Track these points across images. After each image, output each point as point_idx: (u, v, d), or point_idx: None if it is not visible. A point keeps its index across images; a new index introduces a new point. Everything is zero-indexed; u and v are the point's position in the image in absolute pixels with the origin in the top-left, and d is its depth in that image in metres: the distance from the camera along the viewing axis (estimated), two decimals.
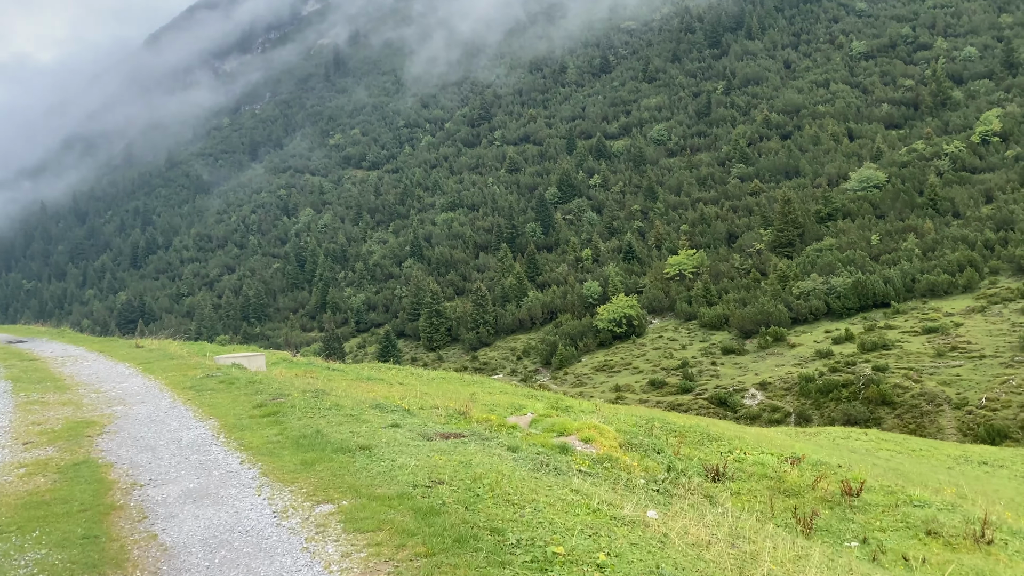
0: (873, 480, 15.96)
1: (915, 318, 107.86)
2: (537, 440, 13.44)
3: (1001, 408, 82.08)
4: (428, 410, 16.79)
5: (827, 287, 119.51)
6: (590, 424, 14.60)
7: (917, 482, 18.90)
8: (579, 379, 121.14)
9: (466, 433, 13.14)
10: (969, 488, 20.02)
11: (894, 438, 51.48)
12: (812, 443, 44.57)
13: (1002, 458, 44.75)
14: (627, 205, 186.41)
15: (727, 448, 16.66)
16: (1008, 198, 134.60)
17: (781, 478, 13.98)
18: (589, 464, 12.15)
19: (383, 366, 33.50)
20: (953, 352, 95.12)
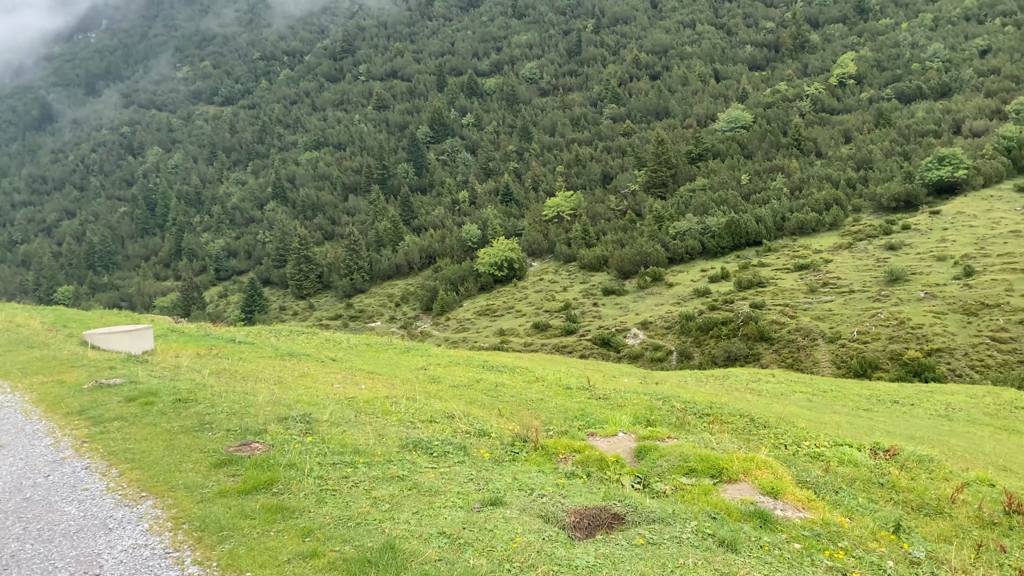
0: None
1: (787, 255, 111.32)
2: (704, 503, 9.16)
3: (871, 341, 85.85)
4: (461, 432, 12.54)
5: (702, 227, 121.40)
6: (744, 458, 10.87)
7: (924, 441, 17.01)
8: (462, 324, 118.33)
9: (621, 510, 8.81)
10: (968, 448, 18.36)
11: (800, 378, 51.56)
12: (722, 386, 43.38)
13: (905, 395, 45.30)
14: (502, 145, 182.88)
15: (786, 436, 13.81)
16: (865, 138, 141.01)
17: (895, 485, 11.30)
18: (844, 558, 8.02)
19: (292, 331, 28.60)
20: (824, 288, 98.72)
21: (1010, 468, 15.95)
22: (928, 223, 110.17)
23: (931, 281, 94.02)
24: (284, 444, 11.11)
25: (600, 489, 9.39)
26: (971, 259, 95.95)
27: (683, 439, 11.09)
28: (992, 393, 47.61)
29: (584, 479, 9.76)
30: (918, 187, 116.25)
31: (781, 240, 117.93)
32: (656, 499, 9.26)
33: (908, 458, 11.98)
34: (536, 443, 11.02)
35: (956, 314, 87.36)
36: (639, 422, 12.60)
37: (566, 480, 9.69)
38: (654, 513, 8.54)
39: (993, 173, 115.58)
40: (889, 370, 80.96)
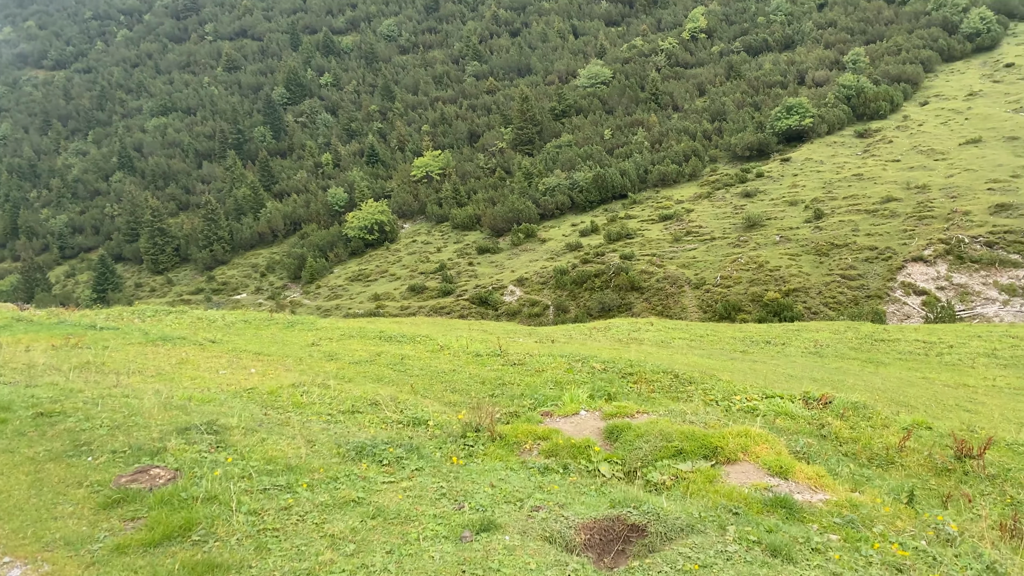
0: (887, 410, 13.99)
1: (651, 207, 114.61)
2: (714, 494, 8.35)
3: (733, 284, 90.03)
4: (393, 423, 11.28)
5: (570, 182, 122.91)
6: (738, 432, 10.14)
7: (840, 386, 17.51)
8: (334, 291, 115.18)
9: (638, 519, 7.70)
10: (898, 395, 19.17)
11: (676, 325, 53.13)
12: (606, 337, 44.12)
13: (775, 335, 47.57)
14: (364, 106, 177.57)
15: (714, 391, 13.55)
16: (718, 91, 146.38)
17: (838, 436, 11.27)
18: (896, 550, 7.28)
19: (158, 311, 26.03)
20: (688, 237, 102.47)
21: (909, 404, 16.79)
22: (780, 170, 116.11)
23: (785, 225, 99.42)
24: (194, 466, 8.73)
25: (591, 487, 8.58)
26: (820, 202, 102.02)
27: (653, 413, 10.58)
28: (852, 328, 50.70)
29: (561, 473, 8.96)
30: (769, 136, 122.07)
31: (645, 192, 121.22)
32: (660, 494, 8.41)
33: (842, 406, 12.16)
34: (492, 432, 10.01)
35: (809, 255, 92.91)
36: (596, 395, 12.04)
37: (541, 476, 8.86)
38: (679, 520, 7.55)
39: (836, 120, 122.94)
40: (751, 311, 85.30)
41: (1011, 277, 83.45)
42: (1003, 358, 39.95)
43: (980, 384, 30.68)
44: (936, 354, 41.99)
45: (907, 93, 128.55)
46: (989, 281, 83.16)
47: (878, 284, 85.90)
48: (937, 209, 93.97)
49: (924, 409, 17.51)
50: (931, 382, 29.34)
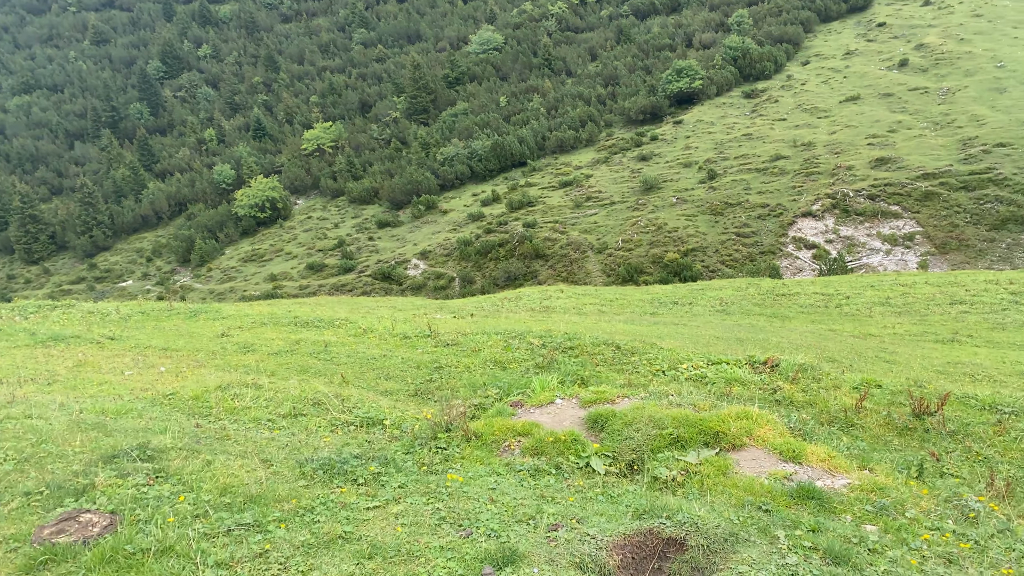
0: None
1: (551, 174, 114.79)
2: (733, 487, 7.52)
3: (635, 247, 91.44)
4: (344, 425, 9.88)
5: (468, 151, 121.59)
6: (737, 414, 8.88)
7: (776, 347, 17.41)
8: (227, 274, 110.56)
9: (674, 532, 6.77)
10: (826, 349, 19.30)
11: (585, 291, 53.26)
12: (518, 306, 43.74)
13: (681, 296, 48.31)
14: (247, 78, 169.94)
15: (659, 361, 12.94)
16: (609, 55, 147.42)
17: (792, 400, 10.91)
18: (943, 538, 6.71)
19: (41, 306, 23.32)
20: (588, 202, 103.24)
21: (835, 358, 16.94)
22: (673, 132, 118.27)
23: (681, 187, 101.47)
24: (134, 506, 7.04)
25: (595, 490, 7.62)
26: (713, 163, 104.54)
27: (635, 396, 9.85)
28: (753, 284, 52.03)
29: (554, 474, 8.07)
30: (661, 99, 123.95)
31: (544, 159, 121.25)
32: (672, 492, 7.57)
33: (790, 369, 11.95)
34: (465, 430, 8.87)
35: (705, 215, 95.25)
36: (568, 380, 11.22)
37: (534, 480, 7.91)
38: (719, 528, 6.66)
39: (724, 82, 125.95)
40: (653, 273, 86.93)
41: (892, 228, 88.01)
42: (896, 306, 41.70)
43: (883, 333, 31.76)
44: (835, 306, 43.42)
45: (789, 53, 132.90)
46: (873, 232, 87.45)
47: (771, 240, 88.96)
48: (823, 165, 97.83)
49: (848, 363, 17.70)
50: (839, 334, 30.13)
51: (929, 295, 43.58)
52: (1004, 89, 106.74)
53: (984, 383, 16.31)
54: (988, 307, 39.03)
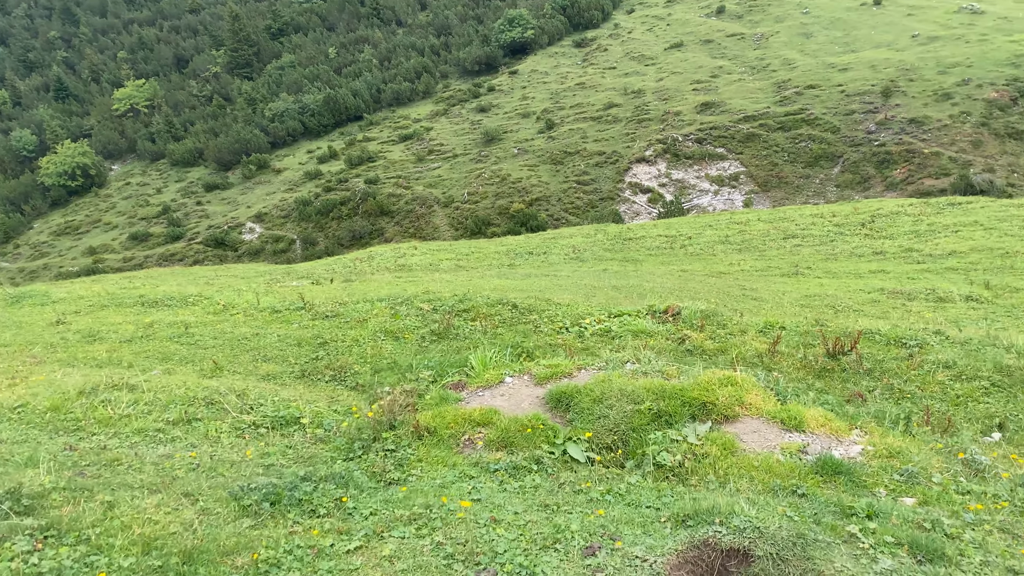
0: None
1: (389, 128, 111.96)
2: (751, 469, 6.80)
3: (481, 200, 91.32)
4: (250, 428, 8.30)
5: (299, 106, 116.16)
6: (721, 379, 8.24)
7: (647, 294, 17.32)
8: (38, 250, 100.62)
9: (734, 541, 5.76)
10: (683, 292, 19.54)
11: (439, 246, 52.46)
12: (371, 266, 42.59)
13: (535, 246, 48.63)
14: (41, 32, 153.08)
15: (560, 317, 12.20)
16: (439, 4, 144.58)
17: (703, 349, 10.59)
18: (985, 508, 6.19)
19: None
20: (431, 156, 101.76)
21: (707, 299, 17.35)
22: (509, 83, 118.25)
23: (521, 137, 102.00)
24: None
25: (599, 488, 6.63)
26: (550, 113, 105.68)
27: (592, 367, 9.07)
28: (600, 230, 53.21)
29: (537, 471, 7.08)
30: (495, 49, 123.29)
31: (381, 112, 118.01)
32: (684, 482, 6.70)
33: (693, 317, 11.83)
34: (416, 426, 7.64)
35: (546, 165, 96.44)
36: (516, 353, 10.31)
37: (517, 481, 6.87)
38: (781, 529, 5.72)
39: (555, 31, 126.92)
40: (500, 224, 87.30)
41: (718, 169, 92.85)
42: (735, 243, 43.89)
43: (731, 270, 33.18)
44: (680, 246, 45.10)
45: (615, 2, 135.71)
46: (702, 175, 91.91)
47: (609, 187, 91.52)
48: (653, 112, 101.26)
49: (720, 302, 18.12)
50: (693, 274, 31.17)
51: (764, 231, 46.08)
52: (810, 34, 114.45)
53: (848, 314, 17.23)
54: (817, 239, 41.74)
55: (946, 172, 78.42)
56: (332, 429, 8.23)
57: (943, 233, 37.62)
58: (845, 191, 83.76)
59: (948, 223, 39.58)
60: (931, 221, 40.66)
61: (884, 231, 40.82)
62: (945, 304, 20.37)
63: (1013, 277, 25.64)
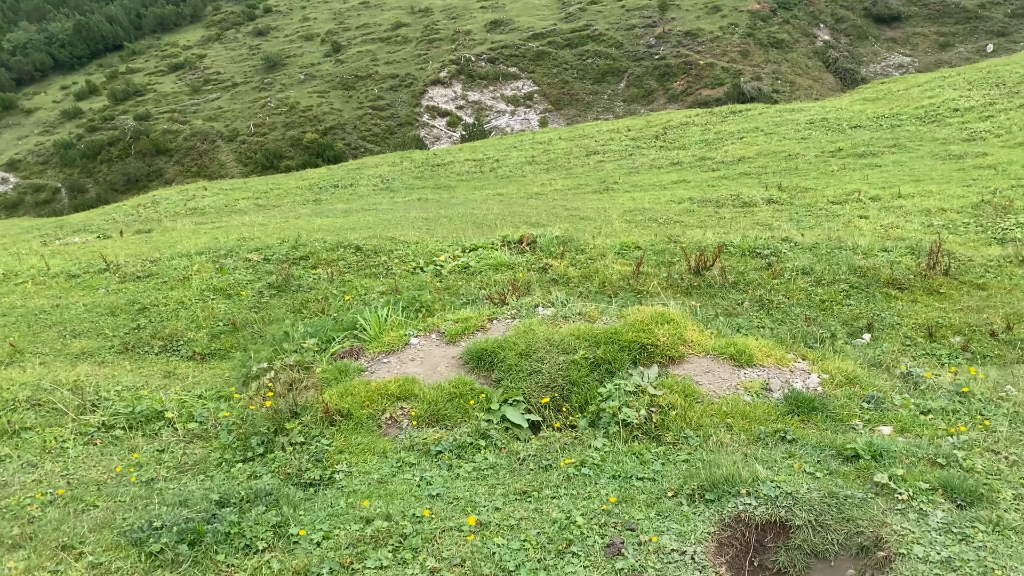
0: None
1: (156, 57, 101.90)
2: (724, 416, 6.17)
3: (269, 131, 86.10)
4: (102, 432, 6.64)
5: (46, 35, 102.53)
6: (655, 316, 7.41)
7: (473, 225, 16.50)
8: None
9: (765, 510, 5.12)
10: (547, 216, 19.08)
11: (232, 185, 48.80)
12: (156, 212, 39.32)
13: (339, 178, 46.63)
14: None
15: (411, 257, 10.98)
16: None
17: (568, 278, 9.90)
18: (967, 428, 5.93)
19: None
20: (207, 86, 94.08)
21: (540, 222, 17.15)
22: (288, 3, 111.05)
23: (307, 62, 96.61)
24: None
25: (567, 457, 5.80)
26: (335, 35, 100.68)
27: (503, 317, 8.02)
28: (405, 158, 52.01)
29: (488, 447, 6.07)
30: None
31: (144, 40, 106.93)
32: (658, 442, 5.95)
33: (551, 244, 11.38)
34: (326, 409, 6.33)
35: (337, 91, 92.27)
36: (411, 309, 8.98)
37: (465, 462, 5.87)
38: (812, 495, 5.06)
39: None
40: (294, 157, 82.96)
41: (513, 89, 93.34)
42: (542, 163, 44.49)
43: (545, 191, 33.57)
44: (489, 170, 45.08)
45: None
46: (497, 95, 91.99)
47: (407, 111, 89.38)
48: (443, 31, 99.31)
49: (553, 223, 18.09)
50: (511, 197, 31.20)
51: (567, 150, 47.01)
52: None
53: (673, 226, 17.79)
54: (617, 154, 43.21)
55: (720, 82, 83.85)
56: (209, 422, 6.77)
57: (730, 140, 40.11)
58: (632, 105, 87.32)
59: (733, 130, 42.22)
60: (718, 129, 43.19)
61: (677, 142, 42.91)
62: (751, 208, 21.66)
63: (799, 178, 27.80)
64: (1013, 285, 9.60)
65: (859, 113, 40.36)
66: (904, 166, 27.08)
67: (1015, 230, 15.36)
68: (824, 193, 23.05)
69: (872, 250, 10.89)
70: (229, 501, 5.36)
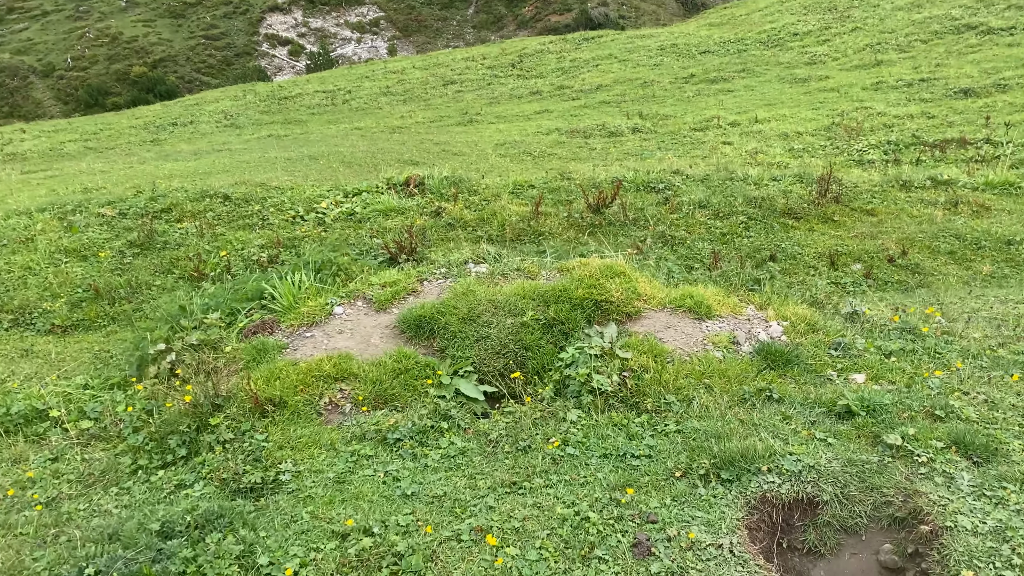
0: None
1: None
2: (703, 376, 5.73)
3: (90, 65, 78.59)
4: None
5: None
6: (603, 268, 6.87)
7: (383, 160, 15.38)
8: None
9: (795, 492, 4.57)
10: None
11: (55, 125, 44.16)
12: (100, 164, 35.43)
13: (175, 115, 43.36)
14: None
15: (290, 205, 9.72)
16: None
17: (465, 223, 9.07)
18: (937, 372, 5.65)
19: None
20: (12, 15, 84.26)
21: (416, 160, 16.46)
22: None
23: None
24: None
25: (552, 438, 5.23)
26: None
27: (433, 277, 7.07)
28: (248, 91, 49.09)
29: (453, 431, 5.45)
30: None
31: None
32: (637, 411, 5.48)
33: (442, 186, 10.66)
34: (254, 398, 5.47)
35: (164, 19, 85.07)
36: (326, 272, 7.69)
37: (428, 450, 5.23)
38: (832, 463, 4.71)
39: None
40: (122, 93, 76.30)
41: (358, 15, 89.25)
42: (398, 94, 43.12)
43: (407, 124, 32.61)
44: (343, 102, 43.31)
45: None
46: (341, 22, 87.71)
47: (244, 41, 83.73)
48: None
49: (432, 162, 17.53)
50: (371, 131, 30.07)
51: (422, 79, 45.73)
52: None
53: (549, 159, 17.61)
54: (476, 84, 42.46)
55: (568, 7, 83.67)
56: (106, 419, 5.67)
57: (586, 68, 40.20)
58: (482, 32, 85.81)
59: (587, 58, 42.30)
60: (573, 57, 43.15)
61: (534, 70, 42.59)
62: (619, 138, 21.83)
63: (658, 105, 28.29)
64: (899, 210, 10.11)
65: (706, 39, 41.38)
66: (755, 91, 28.12)
67: (870, 152, 16.25)
68: (684, 120, 23.58)
69: (763, 180, 11.13)
70: (174, 530, 4.34)
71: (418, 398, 5.82)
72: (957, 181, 11.11)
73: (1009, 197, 10.55)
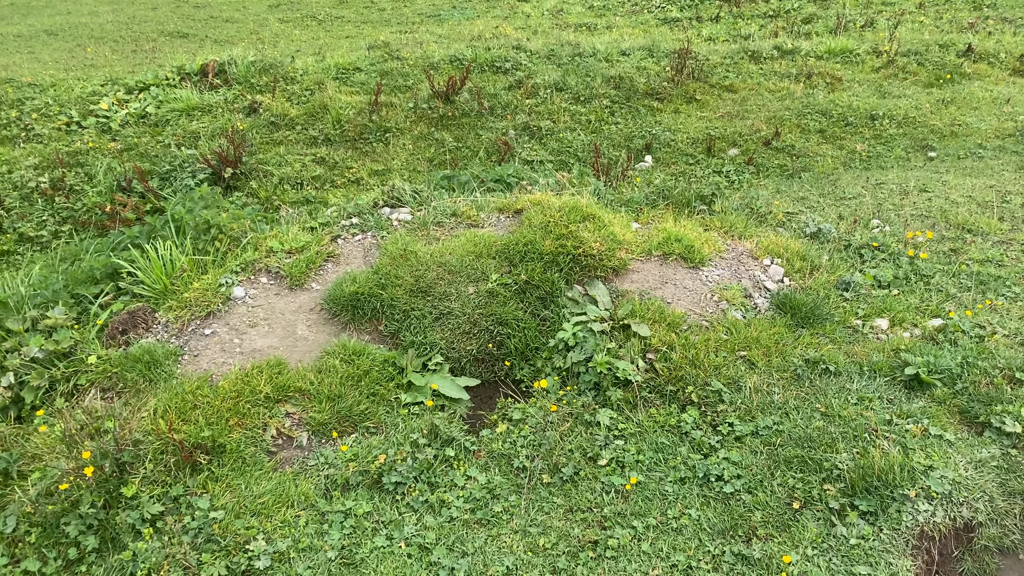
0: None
1: None
2: (749, 348, 4.40)
3: None
4: None
5: None
6: (570, 208, 5.31)
7: None
8: None
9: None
10: None
11: None
12: None
13: None
14: None
15: (55, 106, 6.82)
16: None
17: (291, 120, 6.88)
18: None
19: None
20: None
21: (185, 33, 13.60)
22: None
23: None
24: None
25: (609, 455, 3.95)
26: None
27: (350, 233, 5.23)
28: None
29: (456, 455, 4.05)
30: None
31: None
32: (707, 413, 4.28)
33: (248, 73, 8.52)
34: (181, 447, 3.73)
35: None
36: (195, 234, 5.07)
37: (463, 503, 3.70)
38: (977, 475, 3.87)
39: None
40: None
41: None
42: None
43: None
44: None
45: None
46: None
47: None
48: None
49: (200, 33, 14.85)
50: None
51: None
52: None
53: (333, 24, 15.60)
54: None
55: None
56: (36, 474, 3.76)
57: None
58: None
59: None
60: None
61: None
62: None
63: None
64: (756, 84, 9.92)
65: None
66: None
67: (669, 7, 16.08)
68: None
69: (612, 55, 10.41)
70: None
71: (392, 411, 4.48)
72: (800, 49, 11.17)
73: (853, 66, 10.80)
